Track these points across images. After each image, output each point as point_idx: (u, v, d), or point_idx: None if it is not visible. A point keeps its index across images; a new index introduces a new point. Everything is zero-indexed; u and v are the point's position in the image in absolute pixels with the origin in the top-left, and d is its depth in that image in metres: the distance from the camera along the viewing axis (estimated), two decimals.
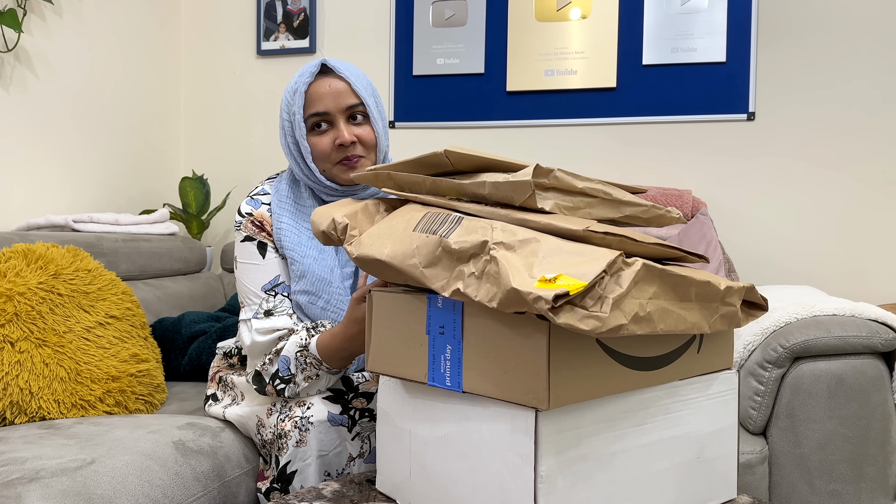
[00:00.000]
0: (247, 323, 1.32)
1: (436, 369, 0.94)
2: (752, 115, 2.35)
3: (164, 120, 2.75)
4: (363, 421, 1.24)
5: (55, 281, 1.53)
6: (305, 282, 1.31)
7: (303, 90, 1.32)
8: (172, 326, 1.92)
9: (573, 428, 0.87)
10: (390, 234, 0.92)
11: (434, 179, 0.94)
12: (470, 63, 2.56)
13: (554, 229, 0.83)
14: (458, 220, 0.87)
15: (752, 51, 2.34)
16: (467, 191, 0.91)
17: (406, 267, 0.88)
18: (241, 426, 1.36)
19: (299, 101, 1.32)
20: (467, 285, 0.83)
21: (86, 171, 2.36)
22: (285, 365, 1.24)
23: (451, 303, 0.91)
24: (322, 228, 1.00)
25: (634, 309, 0.80)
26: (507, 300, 0.77)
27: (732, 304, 0.96)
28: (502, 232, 0.82)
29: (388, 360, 1.00)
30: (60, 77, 2.25)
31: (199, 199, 2.54)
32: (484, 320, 0.87)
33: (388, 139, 1.38)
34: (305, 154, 1.32)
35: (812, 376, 1.39)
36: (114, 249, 1.96)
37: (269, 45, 2.73)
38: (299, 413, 1.22)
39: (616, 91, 2.45)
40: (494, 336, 0.86)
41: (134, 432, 1.23)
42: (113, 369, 1.51)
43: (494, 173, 0.90)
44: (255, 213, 1.36)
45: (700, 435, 1.02)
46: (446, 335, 0.92)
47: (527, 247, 0.80)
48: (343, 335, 1.21)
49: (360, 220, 1.00)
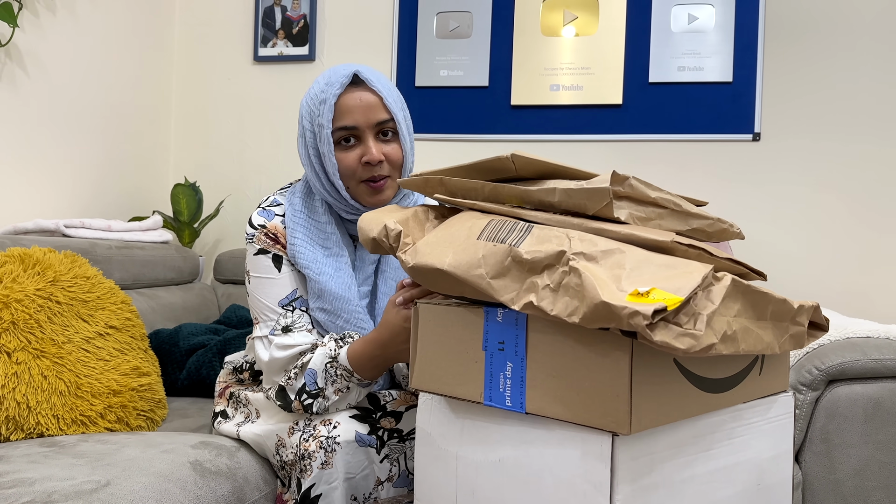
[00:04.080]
0: (263, 340, 1.25)
1: (494, 388, 0.88)
2: (757, 135, 2.34)
3: (155, 125, 2.66)
4: (392, 442, 1.17)
5: (53, 288, 1.44)
6: (323, 300, 1.24)
7: (332, 102, 1.23)
8: (169, 339, 1.83)
9: (647, 454, 0.81)
10: (451, 242, 0.86)
11: (494, 185, 0.89)
12: (474, 76, 2.52)
13: (637, 240, 0.78)
14: (527, 229, 0.82)
15: (758, 71, 2.33)
16: (533, 198, 0.86)
17: (471, 278, 0.82)
18: (256, 446, 1.28)
19: (328, 113, 1.23)
20: (541, 298, 0.77)
21: (74, 174, 2.26)
22: (312, 379, 1.17)
23: (513, 317, 0.85)
24: (372, 235, 0.94)
25: (723, 327, 0.75)
26: (594, 315, 0.71)
27: (801, 324, 0.92)
28: (581, 241, 0.77)
29: (437, 377, 0.94)
30: (52, 77, 2.16)
31: (192, 206, 2.45)
32: (552, 336, 0.81)
33: (413, 156, 1.32)
34: (331, 170, 1.25)
35: (848, 400, 1.35)
36: (108, 257, 1.87)
37: (267, 51, 2.66)
38: (325, 432, 1.15)
39: (622, 108, 2.42)
40: (565, 354, 0.80)
41: (146, 451, 1.15)
42: (114, 383, 1.42)
43: (561, 180, 0.85)
44: (269, 224, 1.29)
45: (760, 461, 0.97)
46: (506, 352, 0.86)
47: (610, 258, 0.75)
48: (376, 342, 1.15)
49: (412, 227, 0.93)
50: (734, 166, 2.35)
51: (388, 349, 1.14)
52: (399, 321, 1.11)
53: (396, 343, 1.13)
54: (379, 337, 1.14)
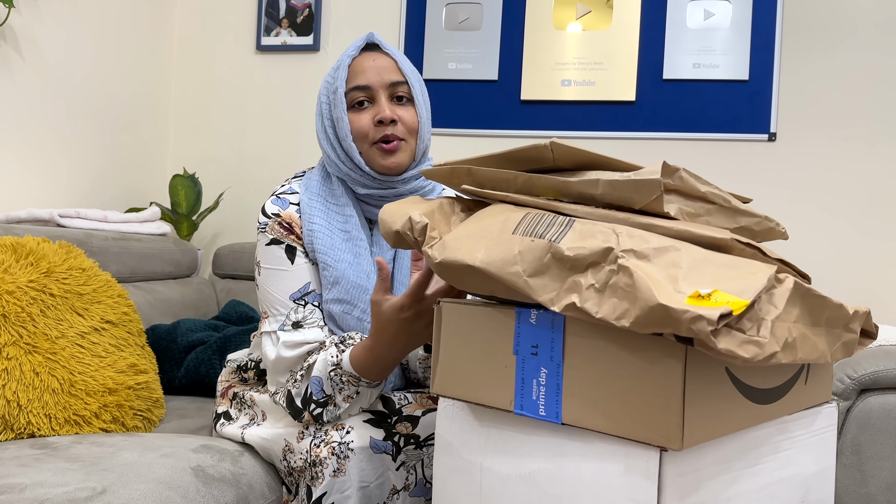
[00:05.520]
0: (271, 336, 1.18)
1: (526, 396, 0.81)
2: (773, 135, 2.28)
3: (154, 114, 2.58)
4: (409, 449, 1.10)
5: (47, 279, 1.37)
6: (339, 289, 1.17)
7: (346, 63, 1.23)
8: (167, 335, 1.75)
9: (694, 470, 0.75)
10: (483, 236, 0.79)
11: (529, 176, 0.82)
12: (483, 69, 2.45)
13: (692, 237, 0.71)
14: (568, 223, 0.75)
15: (775, 69, 2.27)
16: (573, 190, 0.79)
17: (506, 275, 0.75)
18: (262, 450, 1.21)
19: (342, 75, 1.22)
20: (585, 299, 0.71)
21: (69, 163, 2.19)
22: (318, 387, 1.10)
23: (549, 319, 0.78)
24: (395, 228, 0.87)
25: (784, 334, 0.69)
26: (648, 319, 0.65)
27: (854, 331, 0.86)
28: (629, 237, 0.70)
29: (461, 382, 0.87)
30: (48, 61, 2.08)
31: (191, 198, 2.37)
32: (593, 341, 0.75)
33: (429, 127, 1.26)
34: (344, 135, 1.20)
35: (882, 410, 1.30)
36: (104, 248, 1.80)
37: (270, 40, 2.59)
38: (337, 438, 1.08)
39: (635, 105, 2.36)
40: (608, 360, 0.74)
41: (145, 455, 1.08)
42: (110, 381, 1.35)
43: (604, 171, 0.79)
44: (283, 213, 1.22)
45: (805, 476, 0.91)
46: (541, 356, 0.80)
47: (664, 256, 0.68)
48: (378, 343, 1.07)
49: (438, 220, 0.87)
50: (749, 167, 2.29)
51: (392, 349, 1.07)
52: (393, 315, 1.04)
53: (398, 340, 1.06)
54: (378, 338, 1.07)
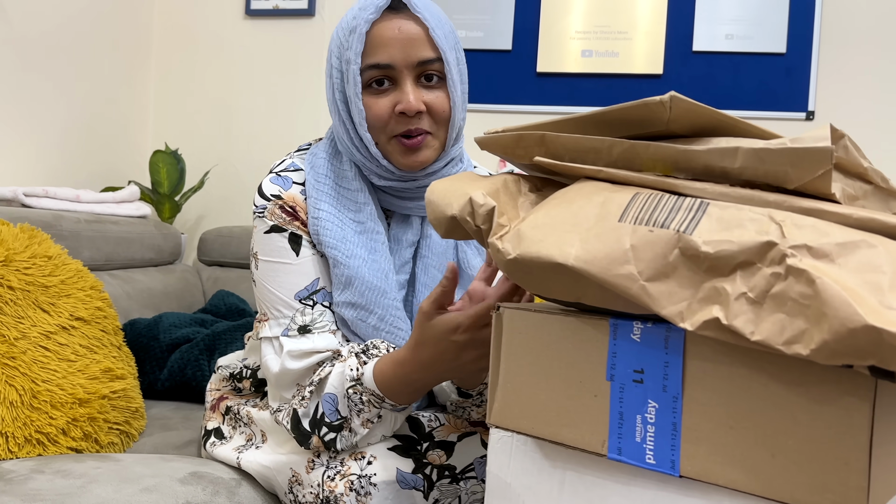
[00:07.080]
0: (273, 343, 0.97)
1: (625, 436, 0.61)
2: (811, 114, 2.10)
3: (133, 84, 2.35)
4: (443, 483, 0.90)
5: (5, 269, 1.15)
6: (353, 291, 0.97)
7: (364, 29, 0.95)
8: (148, 331, 1.54)
9: None
10: (574, 224, 0.59)
11: (633, 144, 0.62)
12: (495, 38, 2.24)
13: (882, 227, 0.51)
14: (700, 207, 0.55)
15: (814, 43, 2.08)
16: (697, 162, 0.59)
17: (613, 279, 0.55)
18: (262, 479, 1.00)
19: (357, 45, 0.95)
20: (735, 314, 0.51)
21: (37, 136, 1.96)
22: (332, 406, 0.90)
23: (661, 335, 0.59)
24: (451, 213, 0.67)
25: None
26: (843, 345, 0.45)
27: None
28: (798, 228, 0.51)
29: (530, 413, 0.67)
30: (12, 19, 1.85)
31: (174, 177, 2.15)
32: (728, 367, 0.55)
33: (465, 112, 1.04)
34: (358, 119, 0.98)
35: None
36: (75, 232, 1.58)
37: (260, 3, 2.36)
38: (356, 470, 0.88)
39: (662, 78, 2.16)
40: (752, 395, 0.54)
41: (121, 490, 0.87)
42: (80, 390, 1.14)
43: (740, 139, 0.59)
44: (285, 195, 1.01)
45: None
46: (648, 385, 0.60)
47: (854, 255, 0.49)
48: (412, 359, 0.87)
49: (504, 202, 0.66)
50: None
51: (429, 371, 0.87)
52: (443, 334, 0.83)
53: (441, 363, 0.85)
54: (416, 356, 0.86)
